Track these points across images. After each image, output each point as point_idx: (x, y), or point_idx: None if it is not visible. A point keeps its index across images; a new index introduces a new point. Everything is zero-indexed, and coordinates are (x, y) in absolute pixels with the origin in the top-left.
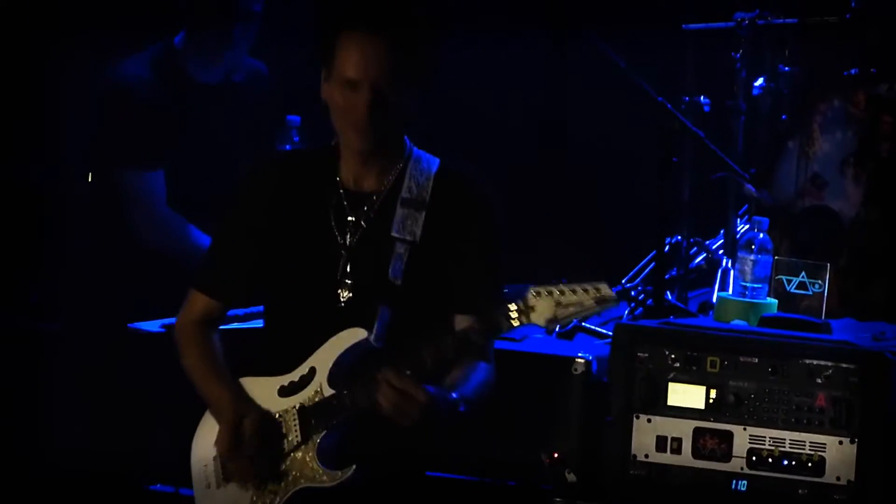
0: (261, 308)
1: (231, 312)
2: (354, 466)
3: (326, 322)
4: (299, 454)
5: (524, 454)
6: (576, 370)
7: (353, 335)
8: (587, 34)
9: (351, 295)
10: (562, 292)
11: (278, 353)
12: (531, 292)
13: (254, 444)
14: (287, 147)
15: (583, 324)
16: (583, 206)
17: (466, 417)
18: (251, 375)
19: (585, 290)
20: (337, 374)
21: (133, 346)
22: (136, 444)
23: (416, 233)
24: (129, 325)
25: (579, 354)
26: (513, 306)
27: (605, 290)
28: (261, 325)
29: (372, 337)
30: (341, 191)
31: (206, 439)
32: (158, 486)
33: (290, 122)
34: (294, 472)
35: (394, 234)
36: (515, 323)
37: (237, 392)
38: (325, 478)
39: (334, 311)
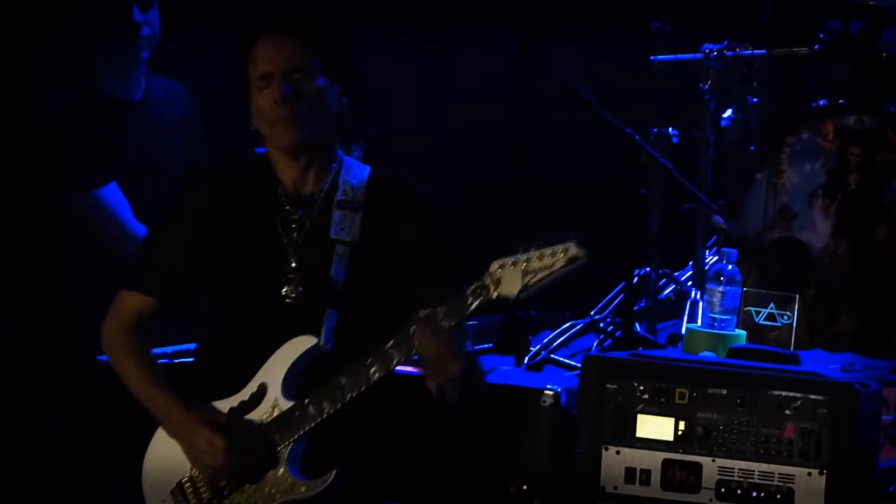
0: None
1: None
2: (334, 472)
3: (273, 324)
4: (269, 471)
5: (493, 486)
6: (544, 402)
7: (301, 343)
8: (555, 67)
9: (299, 291)
10: (528, 260)
11: (221, 376)
12: (495, 265)
13: (244, 432)
14: None
15: (551, 356)
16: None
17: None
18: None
19: (553, 254)
20: (291, 385)
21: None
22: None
23: (355, 234)
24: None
25: (548, 386)
26: (479, 282)
27: (573, 249)
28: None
29: (321, 342)
30: (282, 195)
31: (157, 473)
32: None
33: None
34: (268, 489)
35: (332, 235)
36: (484, 298)
37: (186, 400)
38: (303, 489)
39: (281, 311)
